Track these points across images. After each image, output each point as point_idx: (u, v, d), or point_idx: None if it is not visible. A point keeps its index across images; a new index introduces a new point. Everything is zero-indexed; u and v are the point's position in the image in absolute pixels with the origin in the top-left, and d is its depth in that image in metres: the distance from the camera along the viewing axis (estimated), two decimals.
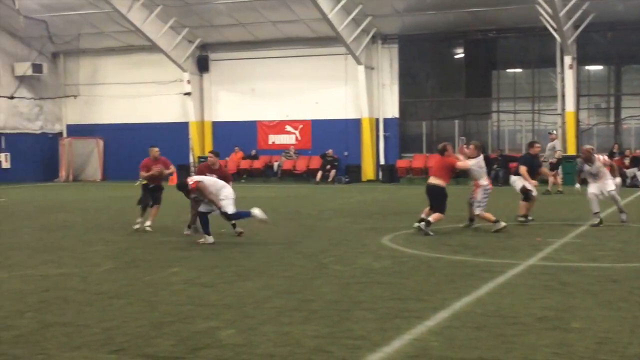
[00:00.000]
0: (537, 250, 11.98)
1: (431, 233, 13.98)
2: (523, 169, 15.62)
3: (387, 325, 7.19)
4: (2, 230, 16.28)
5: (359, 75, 33.49)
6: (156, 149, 16.08)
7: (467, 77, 33.73)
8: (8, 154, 36.51)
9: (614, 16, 30.39)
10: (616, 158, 28.07)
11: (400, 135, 34.56)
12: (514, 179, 15.88)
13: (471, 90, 33.81)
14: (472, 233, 14.44)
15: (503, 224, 14.40)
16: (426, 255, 11.61)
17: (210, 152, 15.29)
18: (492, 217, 14.53)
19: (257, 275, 10.04)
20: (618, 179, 15.64)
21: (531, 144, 16.55)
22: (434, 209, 14.45)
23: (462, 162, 14.85)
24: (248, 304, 8.19)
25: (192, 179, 13.42)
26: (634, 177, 28.22)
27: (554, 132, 28.73)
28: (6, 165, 36.43)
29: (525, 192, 15.44)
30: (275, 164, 35.05)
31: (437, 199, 14.51)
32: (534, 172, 15.83)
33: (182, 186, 13.40)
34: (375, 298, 8.41)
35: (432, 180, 14.76)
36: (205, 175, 14.19)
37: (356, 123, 34.42)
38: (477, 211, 14.75)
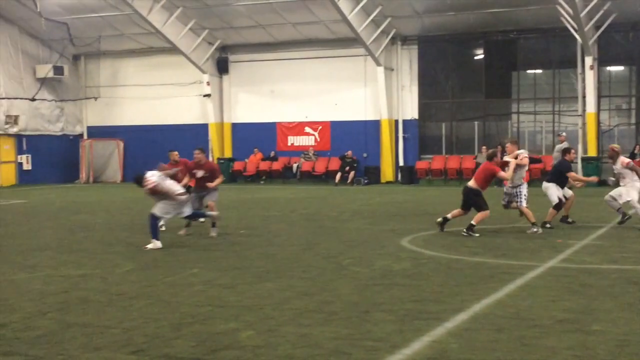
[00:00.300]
0: (557, 252, 11.92)
1: (476, 234, 13.97)
2: (572, 174, 15.84)
3: (406, 327, 7.18)
4: (23, 231, 16.42)
5: (379, 77, 33.45)
6: (175, 153, 16.29)
7: (487, 78, 33.58)
8: (29, 155, 36.77)
9: (635, 16, 30.17)
10: (637, 159, 27.88)
11: (420, 136, 34.47)
12: (547, 185, 15.72)
13: (491, 91, 33.66)
14: (492, 234, 14.37)
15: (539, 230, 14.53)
16: (445, 257, 11.58)
17: (196, 149, 15.41)
18: (533, 218, 14.61)
19: (276, 276, 10.06)
20: (638, 184, 15.48)
21: (568, 150, 16.57)
22: (475, 209, 14.42)
23: (504, 173, 14.79)
24: (267, 305, 8.20)
25: (150, 182, 13.30)
26: None
27: (563, 133, 28.50)
28: (27, 166, 36.69)
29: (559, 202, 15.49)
30: (295, 166, 35.09)
31: (471, 199, 14.50)
32: (566, 179, 15.82)
33: (139, 181, 13.46)
34: (395, 300, 8.40)
35: (470, 182, 14.68)
36: (194, 171, 14.76)
37: (375, 124, 34.38)
38: (525, 203, 14.81)
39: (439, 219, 14.70)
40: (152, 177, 13.29)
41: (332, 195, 26.88)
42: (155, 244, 12.95)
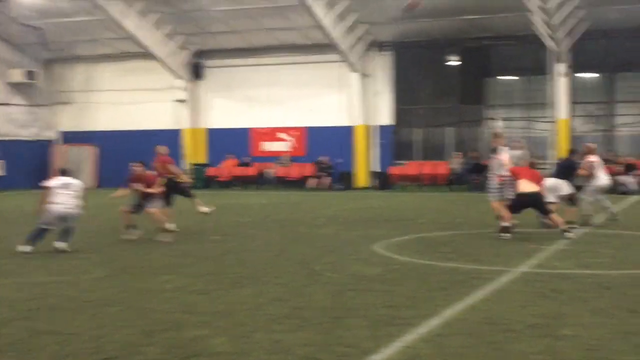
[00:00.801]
0: (530, 257, 11.98)
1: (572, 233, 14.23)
2: (581, 170, 16.68)
3: (379, 332, 7.18)
4: None
5: (354, 83, 33.53)
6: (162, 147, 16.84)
7: (462, 85, 33.79)
8: (2, 161, 36.41)
9: (608, 24, 30.47)
10: (609, 165, 28.13)
11: (394, 142, 34.57)
12: (557, 181, 15.91)
13: (465, 97, 33.86)
14: (465, 240, 14.43)
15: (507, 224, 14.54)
16: (418, 262, 11.61)
17: (135, 162, 15.46)
18: (506, 215, 14.60)
19: (249, 282, 10.02)
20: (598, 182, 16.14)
21: (576, 152, 17.74)
22: (544, 212, 14.68)
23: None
24: (240, 312, 8.17)
25: (46, 183, 13.75)
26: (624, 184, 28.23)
27: (520, 140, 28.59)
28: (0, 172, 36.34)
29: (571, 198, 15.83)
30: (269, 171, 35.03)
31: (542, 203, 14.65)
32: (572, 176, 16.46)
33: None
34: (367, 305, 8.40)
35: (533, 188, 14.51)
36: (134, 184, 14.92)
37: (350, 130, 34.44)
38: (492, 198, 15.11)
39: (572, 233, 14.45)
40: (53, 181, 13.63)
41: (306, 201, 26.87)
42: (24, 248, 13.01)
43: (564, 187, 15.79)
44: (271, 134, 36.22)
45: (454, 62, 34.34)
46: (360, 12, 31.50)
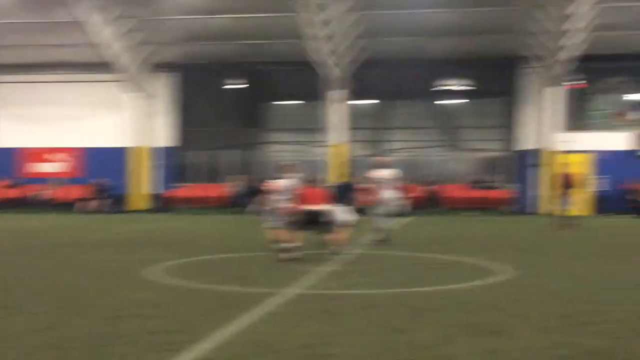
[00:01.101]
0: (302, 278, 12.25)
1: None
2: (359, 191, 17.28)
3: (148, 358, 7.03)
4: None
5: (136, 103, 32.98)
6: None
7: (245, 108, 34.30)
8: None
9: (386, 54, 32.13)
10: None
11: (175, 164, 34.35)
12: (336, 208, 16.12)
13: (248, 120, 34.41)
14: (240, 262, 14.52)
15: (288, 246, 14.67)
16: (193, 286, 11.51)
17: None
18: (287, 238, 14.72)
19: (12, 312, 9.46)
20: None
21: (354, 176, 18.09)
22: (329, 231, 14.95)
23: None
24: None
25: None
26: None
27: (296, 163, 29.43)
28: None
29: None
30: (42, 193, 33.53)
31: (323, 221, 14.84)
32: (350, 199, 17.10)
33: None
34: (138, 331, 8.19)
35: (318, 205, 14.73)
36: None
37: (130, 151, 33.79)
38: (271, 225, 15.19)
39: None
40: None
41: (80, 223, 25.95)
42: None
43: (348, 213, 16.29)
44: (46, 154, 34.78)
45: (236, 85, 34.77)
46: (144, 31, 31.07)
